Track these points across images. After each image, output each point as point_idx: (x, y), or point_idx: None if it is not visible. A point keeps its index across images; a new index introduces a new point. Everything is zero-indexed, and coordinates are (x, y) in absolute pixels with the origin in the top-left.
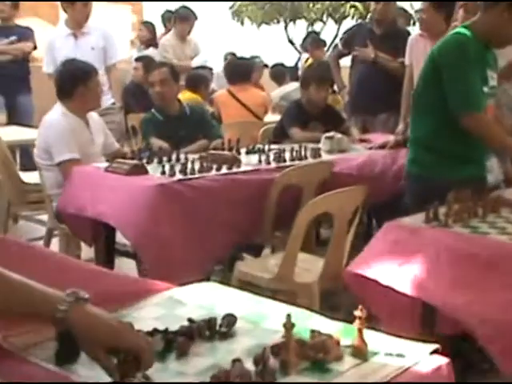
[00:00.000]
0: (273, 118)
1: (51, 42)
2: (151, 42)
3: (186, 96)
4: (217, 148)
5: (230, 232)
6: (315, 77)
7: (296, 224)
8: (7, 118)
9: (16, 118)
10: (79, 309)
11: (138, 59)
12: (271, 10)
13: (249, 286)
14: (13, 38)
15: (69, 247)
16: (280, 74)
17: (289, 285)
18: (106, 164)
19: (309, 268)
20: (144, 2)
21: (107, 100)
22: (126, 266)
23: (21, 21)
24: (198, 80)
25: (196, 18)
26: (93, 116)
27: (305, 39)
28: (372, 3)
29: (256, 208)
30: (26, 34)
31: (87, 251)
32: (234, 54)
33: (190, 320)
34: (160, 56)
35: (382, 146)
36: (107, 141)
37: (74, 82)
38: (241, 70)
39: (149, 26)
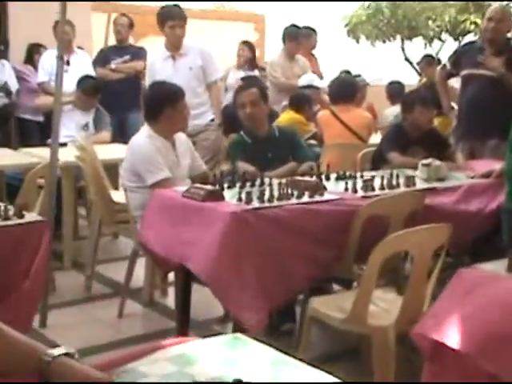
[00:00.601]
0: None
1: (152, 64)
2: (252, 62)
3: (288, 116)
4: (305, 172)
5: (309, 265)
6: (420, 98)
7: (370, 262)
8: (115, 135)
9: (125, 135)
10: (62, 362)
11: (244, 79)
12: (387, 27)
13: (321, 324)
14: (126, 57)
15: (154, 268)
16: (397, 92)
17: (362, 327)
18: (185, 188)
19: (387, 308)
20: (267, 20)
21: (207, 116)
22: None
23: (150, 38)
24: (302, 100)
25: (315, 34)
26: (180, 137)
27: (422, 58)
28: (484, 21)
29: (338, 240)
30: (138, 53)
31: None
32: (348, 72)
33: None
34: (269, 75)
35: (487, 176)
36: (194, 163)
37: (161, 104)
38: (344, 90)
39: (249, 45)
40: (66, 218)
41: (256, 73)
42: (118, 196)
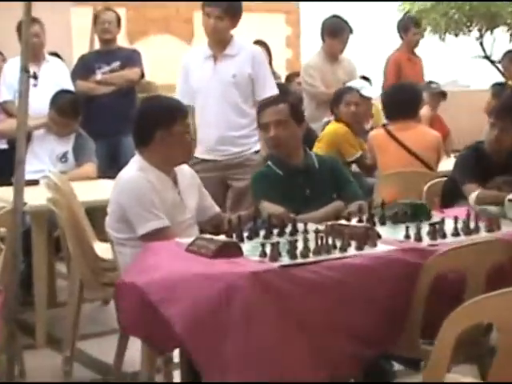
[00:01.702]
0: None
1: (185, 66)
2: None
3: (332, 128)
4: (352, 214)
5: (357, 342)
6: (502, 110)
7: (441, 336)
8: (102, 168)
9: (116, 167)
10: None
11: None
12: (459, 15)
13: None
14: (115, 64)
15: None
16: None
17: None
18: (190, 239)
19: None
20: (301, 10)
21: (250, 145)
22: None
23: (151, 38)
24: None
25: (351, 32)
26: (183, 169)
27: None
28: None
29: (397, 307)
30: (131, 58)
31: None
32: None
33: None
34: (303, 82)
35: None
36: (203, 203)
37: (152, 125)
38: (404, 102)
39: (263, 45)
40: (37, 280)
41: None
42: (105, 250)
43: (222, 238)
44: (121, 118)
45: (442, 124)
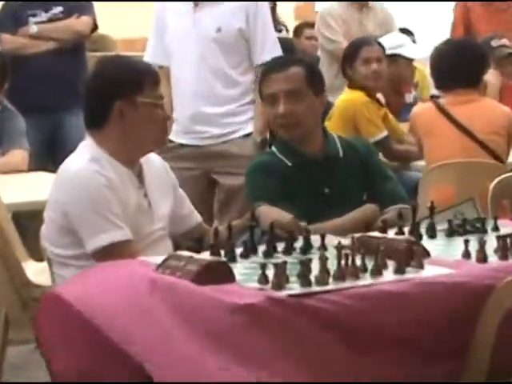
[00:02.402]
0: None
1: (159, 14)
2: None
3: (345, 97)
4: (389, 222)
5: None
6: None
7: None
8: (38, 156)
9: (57, 154)
10: None
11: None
12: None
13: None
14: (56, 10)
15: None
16: None
17: None
18: (161, 257)
19: None
20: None
21: (241, 126)
22: None
23: None
24: None
25: None
26: (152, 162)
27: None
28: None
29: (453, 347)
30: (78, 2)
31: None
32: None
33: None
34: (319, 36)
35: None
36: (179, 209)
37: (111, 95)
38: (463, 66)
39: None
40: None
41: (283, 35)
42: (40, 272)
43: (206, 256)
44: (64, 86)
45: None
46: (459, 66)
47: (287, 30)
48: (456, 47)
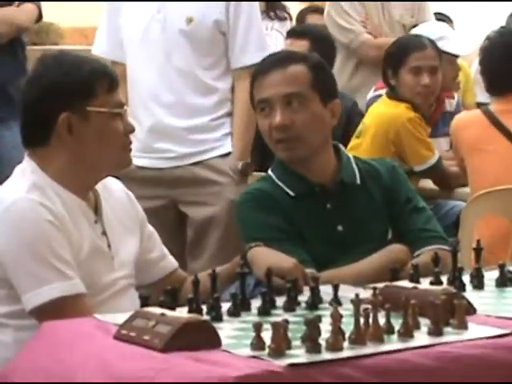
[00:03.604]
0: None
1: (111, 9)
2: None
3: (381, 109)
4: (422, 268)
5: None
6: None
7: None
8: None
9: None
10: None
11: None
12: None
13: None
14: None
15: None
16: None
17: None
18: (124, 315)
19: None
20: None
21: (217, 144)
22: None
23: None
24: None
25: None
26: (111, 190)
27: None
28: None
29: None
30: None
31: None
32: None
33: None
34: (331, 25)
35: None
36: (148, 253)
37: (56, 103)
38: None
39: None
40: None
41: (285, 27)
42: None
43: (183, 313)
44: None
45: None
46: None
47: (291, 19)
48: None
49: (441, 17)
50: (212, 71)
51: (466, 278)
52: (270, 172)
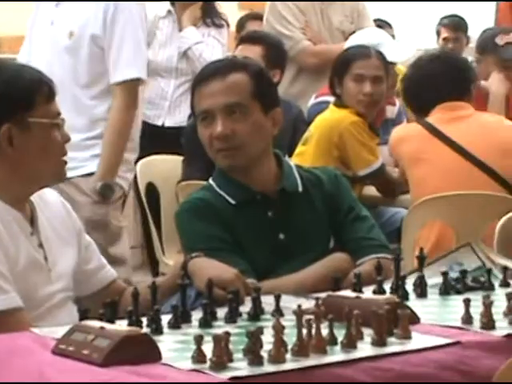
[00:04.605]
0: None
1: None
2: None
3: (330, 116)
4: (365, 276)
5: None
6: None
7: None
8: None
9: None
10: None
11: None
12: None
13: None
14: None
15: None
16: None
17: None
18: (63, 329)
19: None
20: None
21: (83, 163)
22: None
23: None
24: None
25: None
26: (49, 200)
27: None
28: None
29: None
30: None
31: None
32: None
33: None
34: (270, 31)
35: None
36: (85, 265)
37: None
38: (449, 76)
39: None
40: None
41: (222, 34)
42: None
43: (123, 326)
44: None
45: None
46: (443, 76)
47: (228, 25)
48: (432, 59)
49: (381, 23)
50: (89, 90)
51: (408, 287)
52: (210, 181)
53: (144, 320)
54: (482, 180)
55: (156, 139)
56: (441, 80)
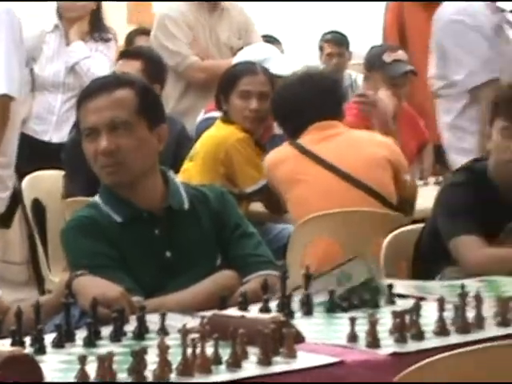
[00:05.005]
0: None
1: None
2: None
3: (215, 133)
4: (251, 295)
5: None
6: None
7: None
8: None
9: None
10: None
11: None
12: None
13: None
14: None
15: None
16: None
17: None
18: None
19: None
20: None
21: None
22: None
23: None
24: None
25: None
26: None
27: None
28: None
29: None
30: None
31: None
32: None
33: None
34: (157, 46)
35: None
36: None
37: None
38: (319, 95)
39: None
40: None
41: (110, 49)
42: None
43: (6, 346)
44: None
45: (415, 124)
46: (312, 97)
47: (116, 40)
48: (301, 80)
49: (269, 39)
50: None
51: (294, 305)
52: (96, 198)
53: (27, 339)
54: (359, 196)
55: (43, 155)
56: (309, 102)
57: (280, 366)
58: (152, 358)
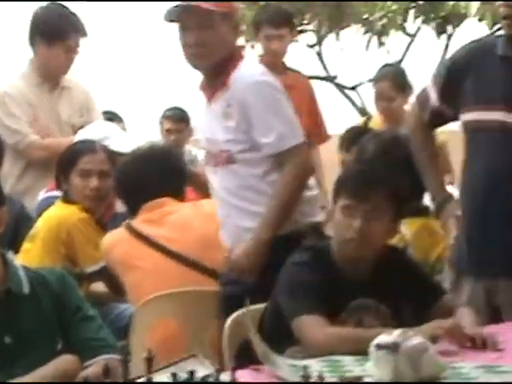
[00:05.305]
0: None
1: None
2: None
3: (52, 216)
4: (92, 380)
5: None
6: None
7: None
8: None
9: None
10: None
11: None
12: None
13: None
14: None
15: None
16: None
17: None
18: None
19: None
20: None
21: None
22: None
23: None
24: None
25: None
26: None
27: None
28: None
29: None
30: None
31: None
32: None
33: None
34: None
35: None
36: None
37: None
38: (157, 176)
39: None
40: None
41: None
42: None
43: None
44: None
45: None
46: (153, 172)
47: None
48: (141, 158)
49: (111, 116)
50: None
51: None
52: None
53: None
54: (193, 276)
55: None
56: (151, 178)
57: None
58: None
